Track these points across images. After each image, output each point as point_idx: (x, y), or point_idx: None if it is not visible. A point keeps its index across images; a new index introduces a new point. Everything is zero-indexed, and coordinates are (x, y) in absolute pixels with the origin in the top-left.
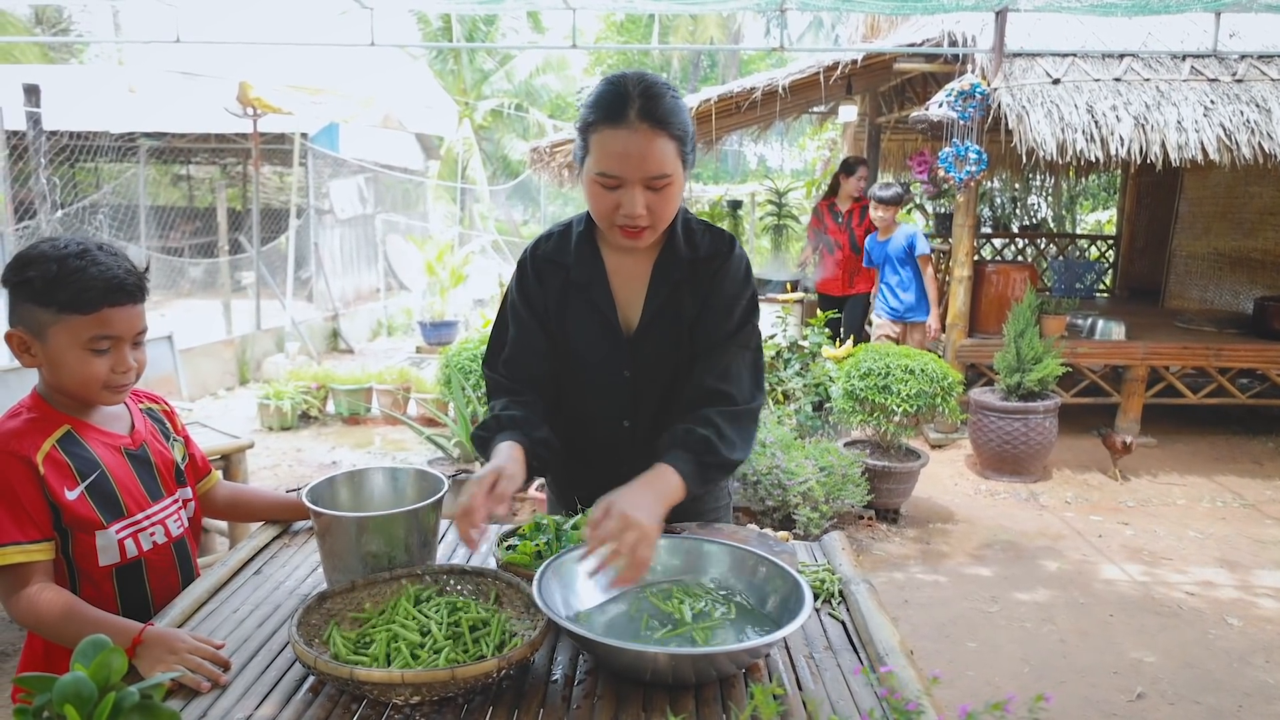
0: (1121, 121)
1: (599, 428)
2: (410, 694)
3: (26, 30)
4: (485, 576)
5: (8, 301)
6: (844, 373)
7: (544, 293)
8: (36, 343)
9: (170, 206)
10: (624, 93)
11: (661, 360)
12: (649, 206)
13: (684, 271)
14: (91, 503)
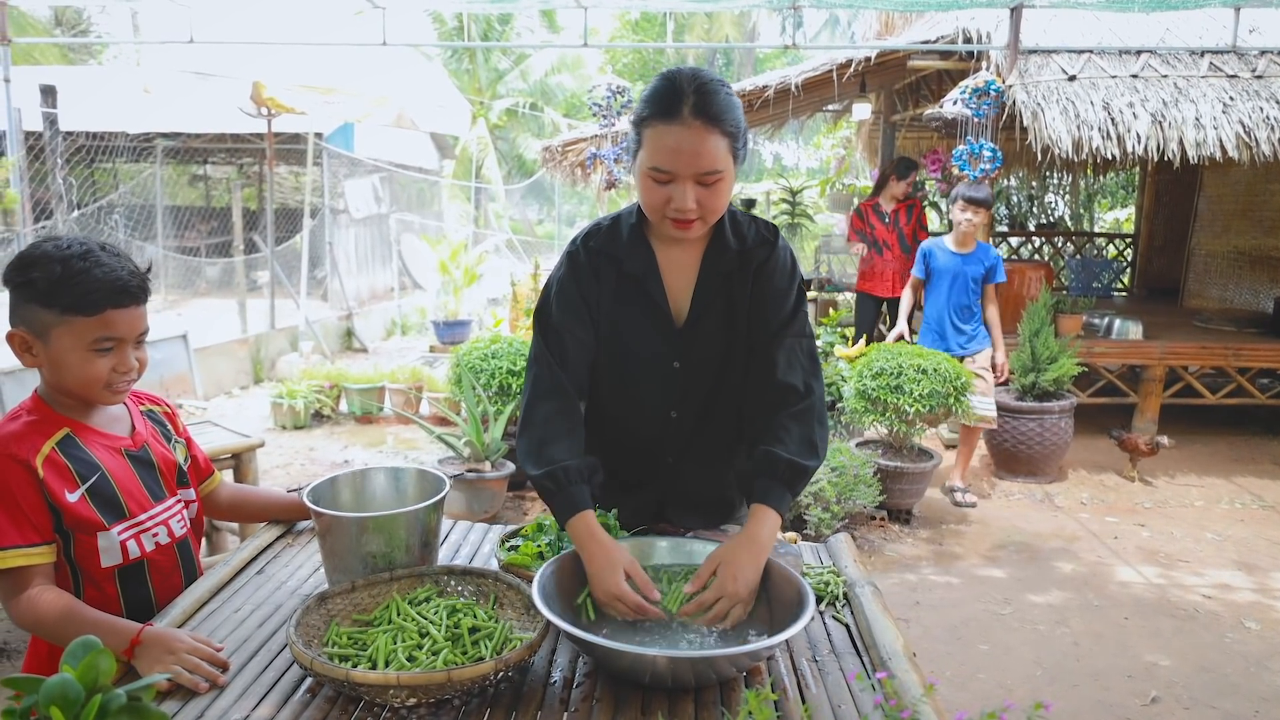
0: (1138, 118)
1: (645, 418)
2: (406, 696)
3: (46, 32)
4: (486, 578)
5: (9, 301)
6: (856, 372)
7: (598, 284)
8: (38, 343)
9: (187, 206)
10: (679, 89)
11: (710, 351)
12: (699, 201)
13: (733, 262)
14: (92, 505)
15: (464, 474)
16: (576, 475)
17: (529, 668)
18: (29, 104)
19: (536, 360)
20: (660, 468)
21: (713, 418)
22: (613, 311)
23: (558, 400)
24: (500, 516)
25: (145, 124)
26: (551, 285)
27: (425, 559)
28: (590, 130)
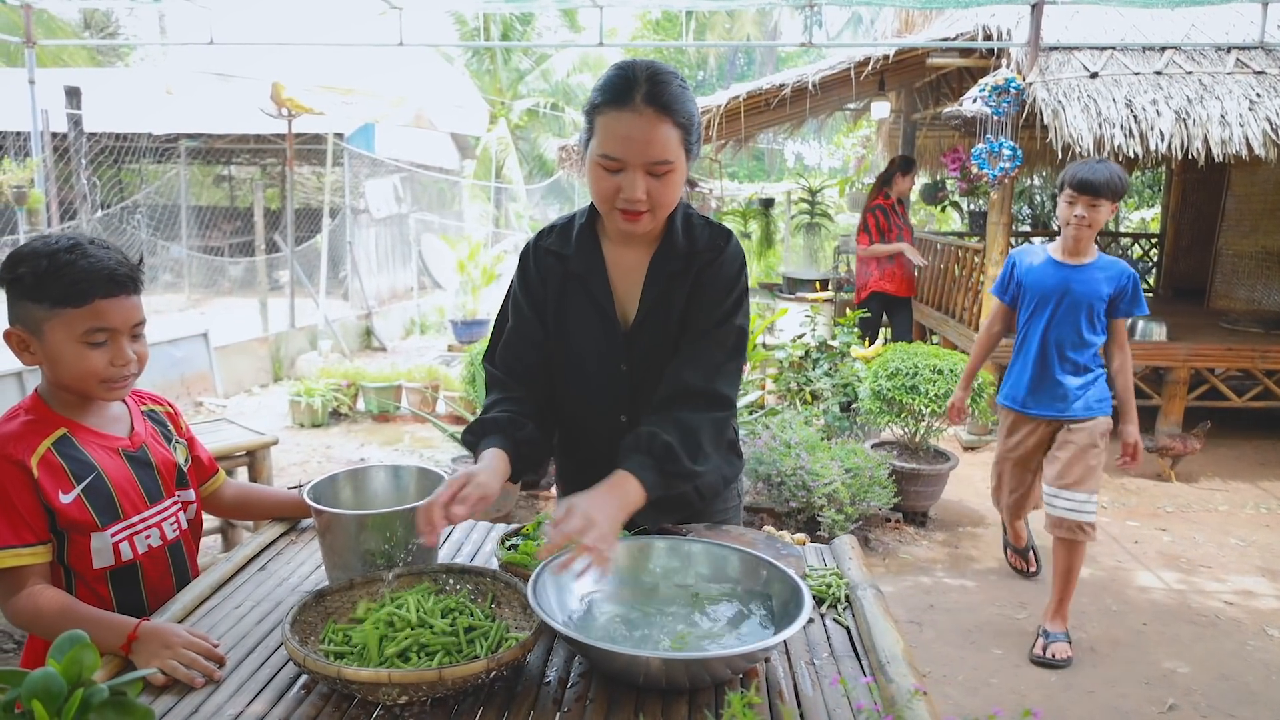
0: (1162, 116)
1: (597, 422)
2: (398, 694)
3: (75, 34)
4: (484, 576)
5: (6, 301)
6: (871, 373)
7: (544, 284)
8: (34, 340)
9: (212, 206)
10: (631, 77)
11: (658, 355)
12: (649, 192)
13: (680, 265)
14: (88, 505)
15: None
16: (494, 425)
17: (523, 667)
18: (55, 105)
19: (489, 373)
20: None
21: None
22: (560, 312)
23: (500, 392)
24: (513, 516)
25: (169, 125)
26: (511, 288)
27: (424, 557)
28: None
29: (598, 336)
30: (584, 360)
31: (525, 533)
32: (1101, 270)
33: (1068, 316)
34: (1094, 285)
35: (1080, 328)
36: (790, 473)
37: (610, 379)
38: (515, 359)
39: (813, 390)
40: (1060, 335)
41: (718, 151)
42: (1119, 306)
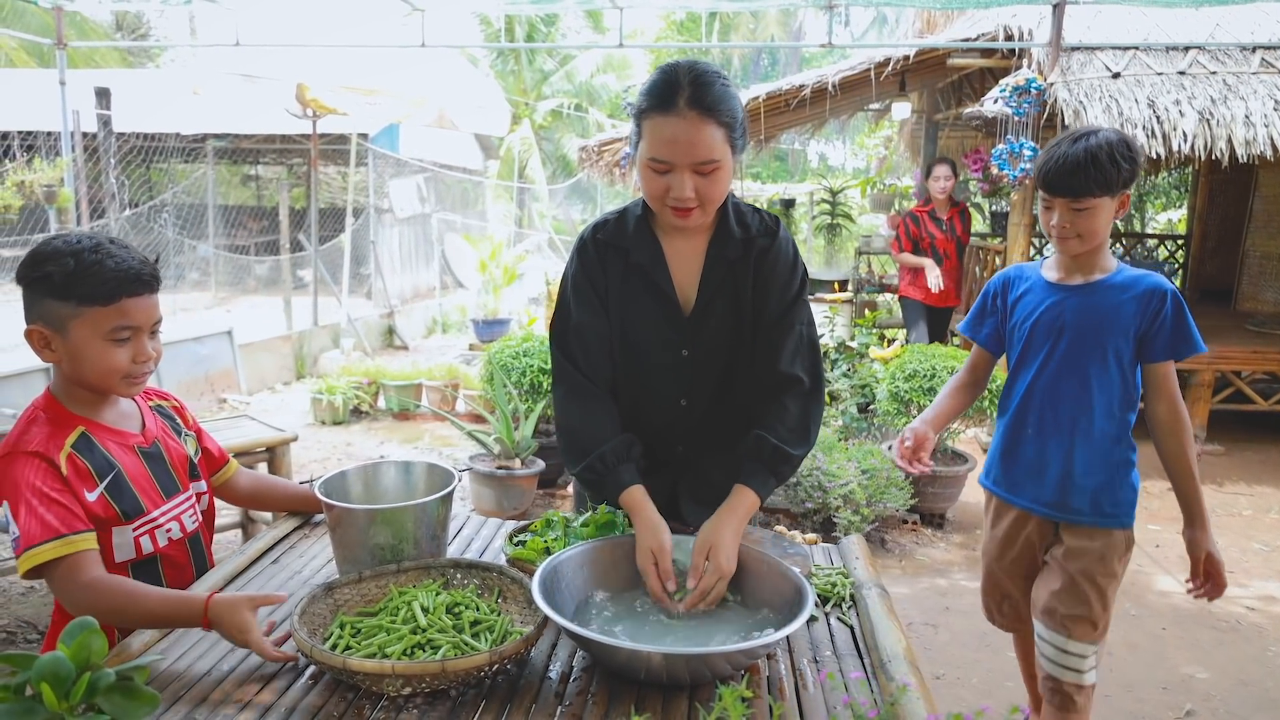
0: (1185, 116)
1: (656, 407)
2: (401, 685)
3: (108, 36)
4: (491, 571)
5: (24, 298)
6: (889, 374)
7: (605, 275)
8: (57, 337)
9: (238, 205)
10: (675, 81)
11: (719, 339)
12: (697, 190)
13: (738, 249)
14: (111, 502)
15: (494, 471)
16: (614, 458)
17: (526, 661)
18: (85, 106)
19: (560, 362)
20: (672, 456)
21: (723, 406)
22: (621, 301)
23: (584, 398)
24: (530, 514)
25: (196, 125)
26: (567, 281)
27: (433, 551)
28: (626, 130)
29: (660, 324)
30: (646, 347)
31: (533, 529)
32: (1123, 290)
33: (1070, 364)
34: (1110, 314)
35: (1090, 381)
36: (806, 473)
37: (672, 365)
38: (594, 353)
39: (831, 391)
40: (1059, 392)
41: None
42: (1156, 344)
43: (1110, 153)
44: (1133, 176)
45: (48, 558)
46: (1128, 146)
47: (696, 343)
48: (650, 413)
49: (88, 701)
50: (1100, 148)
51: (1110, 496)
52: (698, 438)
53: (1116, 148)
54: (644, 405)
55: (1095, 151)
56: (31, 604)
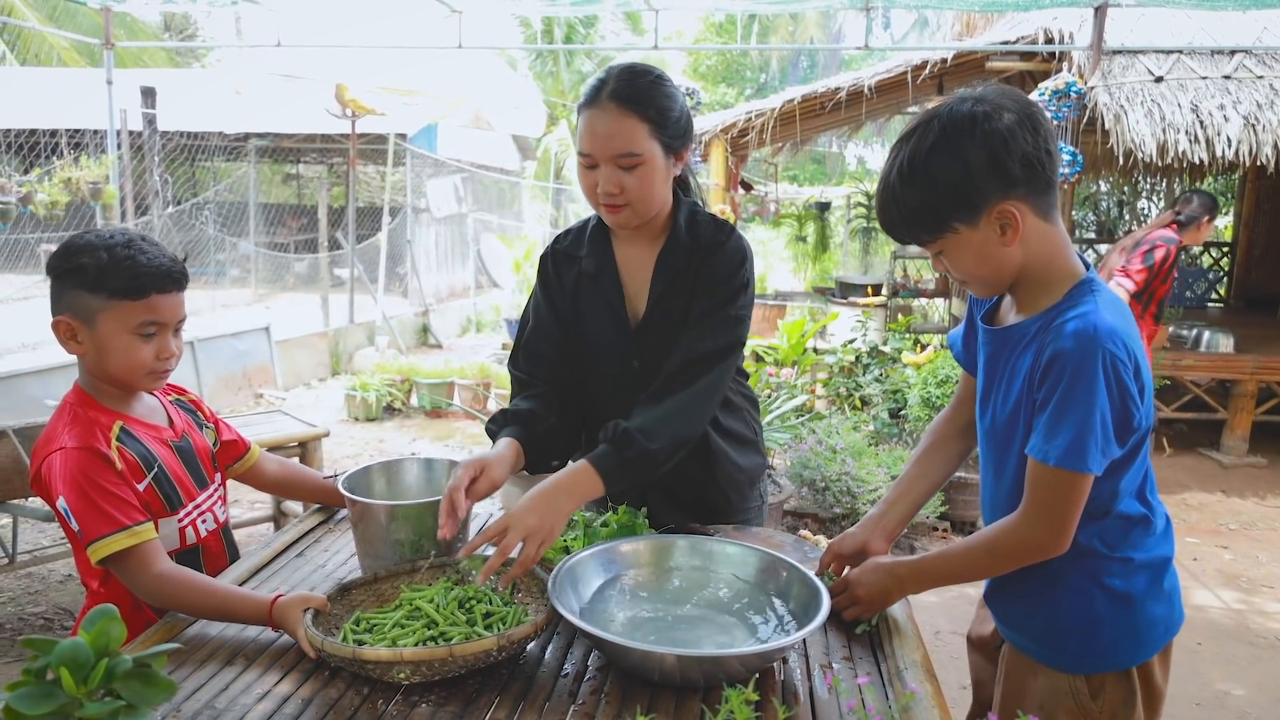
0: (1229, 121)
1: (615, 416)
2: (411, 672)
3: (156, 36)
4: (506, 565)
5: (53, 290)
6: (921, 379)
7: (560, 285)
8: (84, 329)
9: (280, 204)
10: (604, 78)
11: (668, 350)
12: (622, 185)
13: (684, 260)
14: (159, 493)
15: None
16: (514, 418)
17: (540, 659)
18: (132, 105)
19: (511, 362)
20: None
21: None
22: (574, 311)
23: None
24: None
25: (239, 124)
26: (534, 290)
27: (453, 548)
28: None
29: (609, 333)
30: (599, 356)
31: None
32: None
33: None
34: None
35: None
36: (835, 478)
37: (623, 374)
38: (535, 356)
39: (862, 396)
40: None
41: (774, 154)
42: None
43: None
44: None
45: (118, 548)
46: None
47: (645, 353)
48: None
49: (106, 687)
50: (891, 187)
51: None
52: None
53: (918, 167)
54: (605, 414)
55: (887, 195)
56: (69, 591)
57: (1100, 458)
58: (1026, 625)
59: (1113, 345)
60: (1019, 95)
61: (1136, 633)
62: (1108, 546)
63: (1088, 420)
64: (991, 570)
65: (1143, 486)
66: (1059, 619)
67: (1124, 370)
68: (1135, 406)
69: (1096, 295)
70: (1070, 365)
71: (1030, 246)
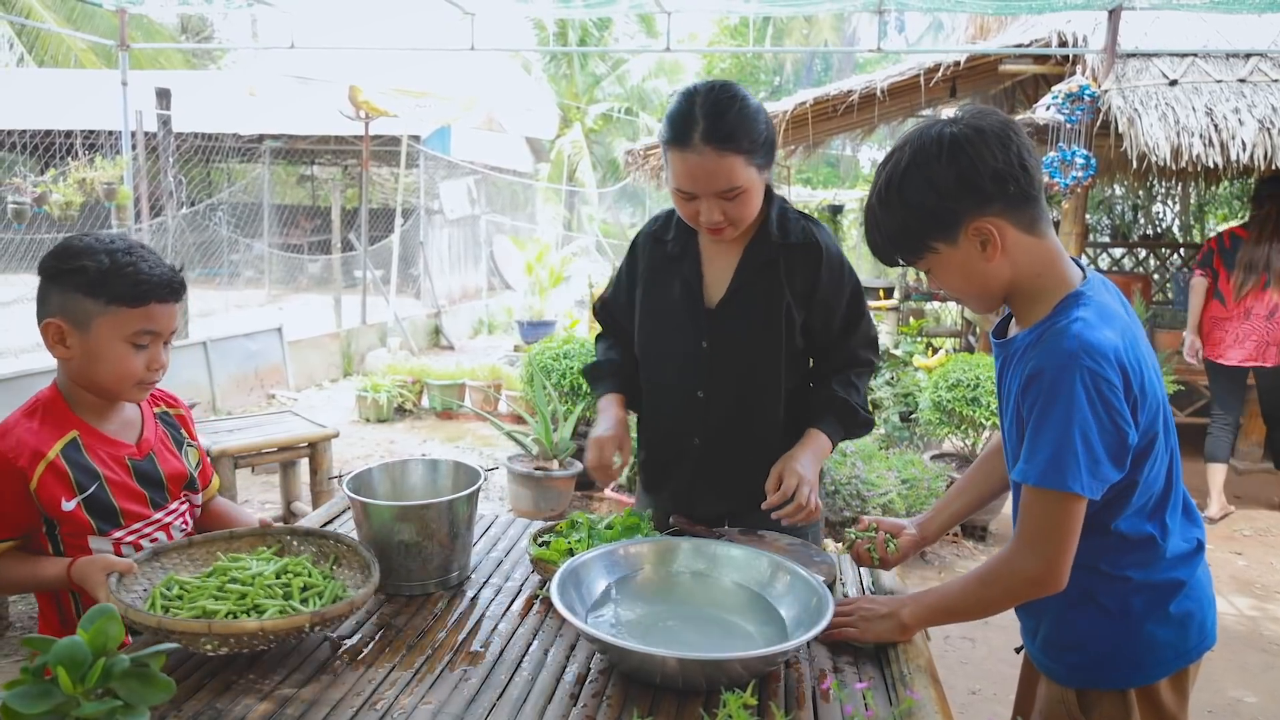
0: (1244, 125)
1: (674, 397)
2: (218, 645)
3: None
4: (328, 539)
5: (43, 291)
6: (932, 383)
7: (642, 262)
8: (76, 334)
9: (294, 205)
10: (690, 114)
11: (739, 336)
12: (724, 212)
13: (775, 252)
14: (87, 514)
15: (532, 472)
16: (610, 369)
17: (538, 655)
18: (148, 106)
19: (595, 314)
20: (689, 447)
21: (742, 404)
22: (649, 287)
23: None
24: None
25: (253, 126)
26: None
27: (456, 549)
28: None
29: (681, 313)
30: (667, 336)
31: (558, 530)
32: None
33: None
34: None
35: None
36: (845, 481)
37: (690, 355)
38: (615, 316)
39: (873, 399)
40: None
41: (787, 157)
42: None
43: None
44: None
45: None
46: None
47: (715, 336)
48: (668, 401)
49: (104, 686)
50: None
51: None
52: (714, 431)
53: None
54: (664, 394)
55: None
56: None
57: (1089, 478)
58: (1033, 632)
59: (1094, 361)
60: (993, 114)
61: (1133, 654)
62: (1106, 563)
63: (1065, 438)
64: (990, 604)
65: (1158, 508)
66: (1055, 629)
67: (1108, 388)
68: (1126, 425)
69: (1085, 307)
70: (1046, 382)
71: (1017, 261)
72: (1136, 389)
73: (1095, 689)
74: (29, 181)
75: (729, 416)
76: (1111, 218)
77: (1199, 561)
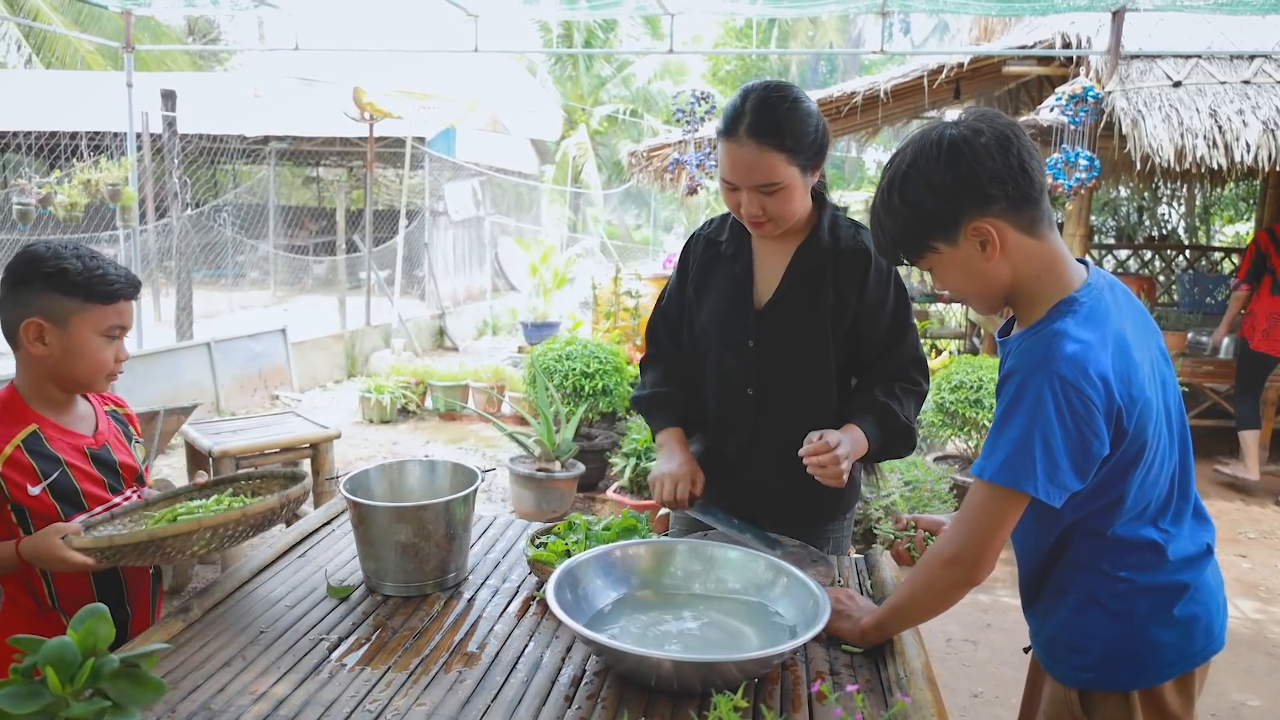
0: (1249, 126)
1: (722, 394)
2: (209, 539)
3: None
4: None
5: (15, 294)
6: (935, 384)
7: (696, 262)
8: (55, 331)
9: (299, 206)
10: (740, 108)
11: (788, 336)
12: (764, 207)
13: (824, 256)
14: (53, 499)
15: (534, 473)
16: (664, 402)
17: (534, 656)
18: (154, 108)
19: (648, 333)
20: (736, 445)
21: (792, 404)
22: (700, 286)
23: (662, 366)
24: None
25: (259, 127)
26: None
27: (453, 551)
28: (675, 136)
29: (730, 311)
30: (717, 333)
31: (556, 531)
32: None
33: None
34: None
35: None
36: None
37: (739, 354)
38: (670, 330)
39: None
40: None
41: None
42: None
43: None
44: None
45: None
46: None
47: (764, 336)
48: (717, 399)
49: (94, 687)
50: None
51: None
52: (762, 430)
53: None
54: (711, 391)
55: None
56: None
57: (1045, 482)
58: (1039, 633)
59: (1068, 369)
60: (994, 116)
61: (1136, 655)
62: (1107, 565)
63: (1026, 440)
64: (919, 590)
65: (1160, 512)
66: (1059, 630)
67: (1078, 397)
68: (1094, 436)
69: (1075, 314)
70: (1015, 383)
71: (1016, 262)
72: (1122, 397)
73: (1099, 690)
74: (34, 183)
75: (779, 416)
76: (1117, 219)
77: (1207, 565)
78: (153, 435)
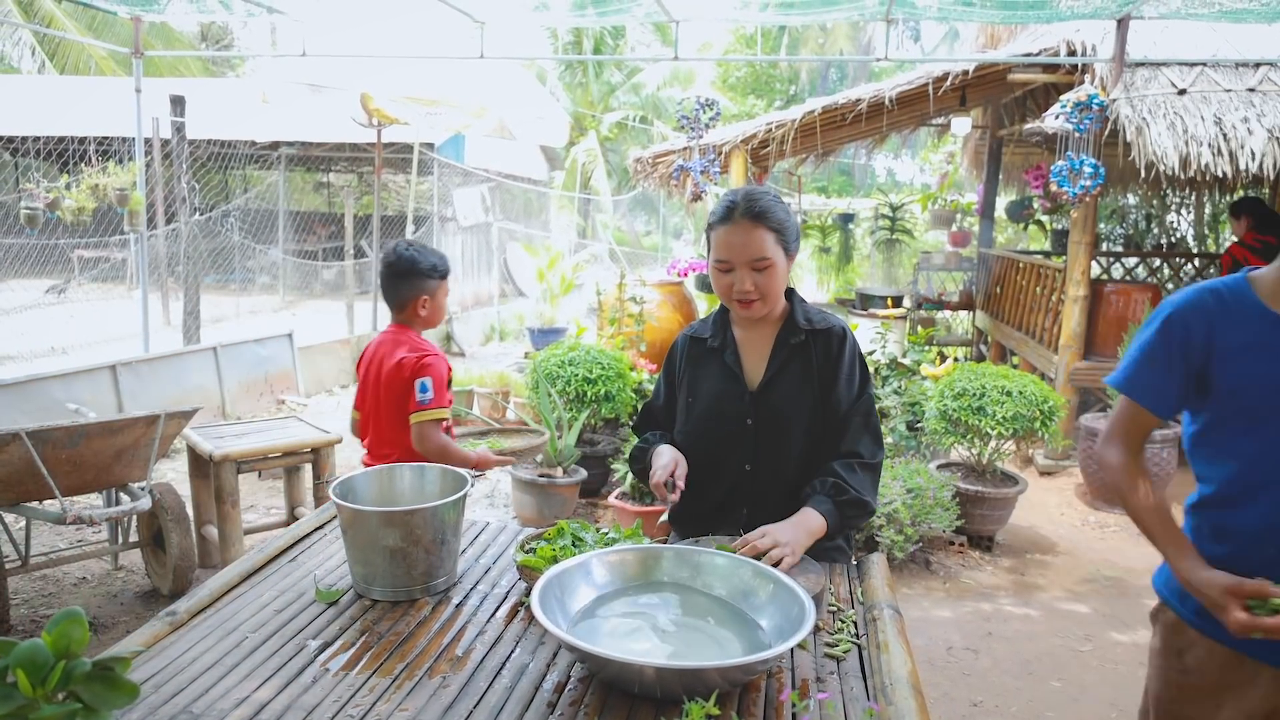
0: (1254, 134)
1: (723, 471)
2: None
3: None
4: None
5: (402, 284)
6: (938, 392)
7: (683, 359)
8: (430, 300)
9: (310, 211)
10: (734, 201)
11: (781, 412)
12: (755, 284)
13: (802, 338)
14: None
15: (536, 479)
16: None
17: (520, 662)
18: (164, 113)
19: (636, 430)
20: (737, 518)
21: (787, 476)
22: (693, 379)
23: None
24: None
25: (269, 133)
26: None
27: (443, 555)
28: (680, 143)
29: (726, 396)
30: (714, 418)
31: (546, 537)
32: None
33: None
34: None
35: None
36: None
37: (737, 432)
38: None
39: (880, 408)
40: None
41: (797, 165)
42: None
43: None
44: None
45: (437, 417)
46: None
47: (760, 413)
48: (719, 476)
49: (66, 690)
50: None
51: None
52: (762, 500)
53: None
54: (714, 470)
55: None
56: (82, 594)
57: None
58: None
59: None
60: None
61: None
62: None
63: None
64: None
65: None
66: None
67: None
68: None
69: None
70: None
71: None
72: None
73: None
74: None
75: (775, 486)
76: (1125, 227)
77: None
78: (153, 439)
